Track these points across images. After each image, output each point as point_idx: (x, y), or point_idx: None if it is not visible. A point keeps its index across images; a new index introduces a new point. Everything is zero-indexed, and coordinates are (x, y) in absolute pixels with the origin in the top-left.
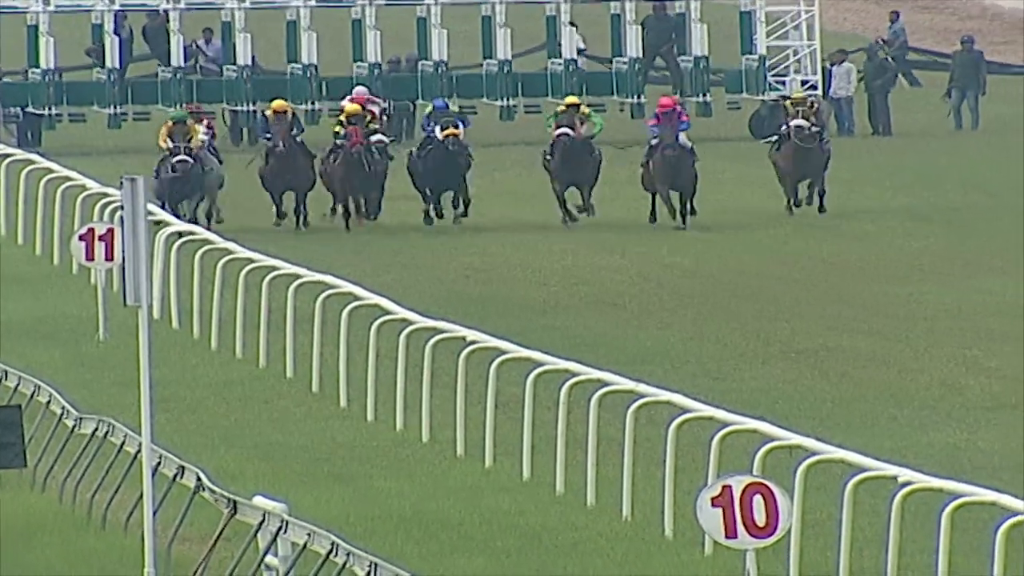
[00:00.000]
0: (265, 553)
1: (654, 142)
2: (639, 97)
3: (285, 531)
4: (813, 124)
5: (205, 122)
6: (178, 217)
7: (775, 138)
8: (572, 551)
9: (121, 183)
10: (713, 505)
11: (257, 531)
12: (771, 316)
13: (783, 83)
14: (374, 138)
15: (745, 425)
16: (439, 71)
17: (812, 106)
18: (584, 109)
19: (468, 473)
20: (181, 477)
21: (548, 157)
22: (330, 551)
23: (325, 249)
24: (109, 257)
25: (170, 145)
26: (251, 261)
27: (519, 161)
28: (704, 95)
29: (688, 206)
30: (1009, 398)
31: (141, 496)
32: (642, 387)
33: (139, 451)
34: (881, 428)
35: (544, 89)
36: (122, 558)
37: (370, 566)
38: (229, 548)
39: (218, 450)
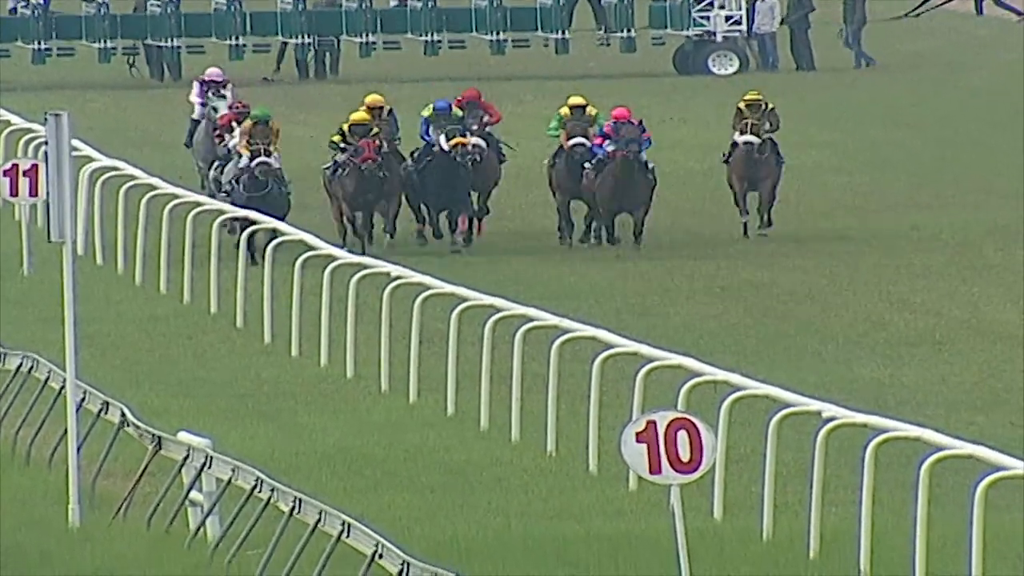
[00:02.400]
0: (190, 489)
1: (609, 148)
2: (564, 33)
3: (209, 467)
4: (766, 131)
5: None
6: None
7: (728, 152)
8: (496, 486)
9: (46, 119)
10: (638, 440)
11: (181, 467)
12: (695, 252)
13: (707, 18)
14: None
15: (669, 361)
16: (363, 6)
17: (766, 109)
18: (591, 110)
19: (392, 409)
20: (105, 413)
21: (552, 168)
22: (254, 487)
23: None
24: (33, 193)
25: (249, 150)
26: (175, 197)
27: (443, 96)
28: (628, 31)
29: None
30: (933, 333)
31: (65, 432)
32: (566, 322)
33: (63, 387)
34: (805, 363)
35: (468, 24)
36: (46, 494)
37: (294, 501)
38: (153, 484)
39: (142, 386)
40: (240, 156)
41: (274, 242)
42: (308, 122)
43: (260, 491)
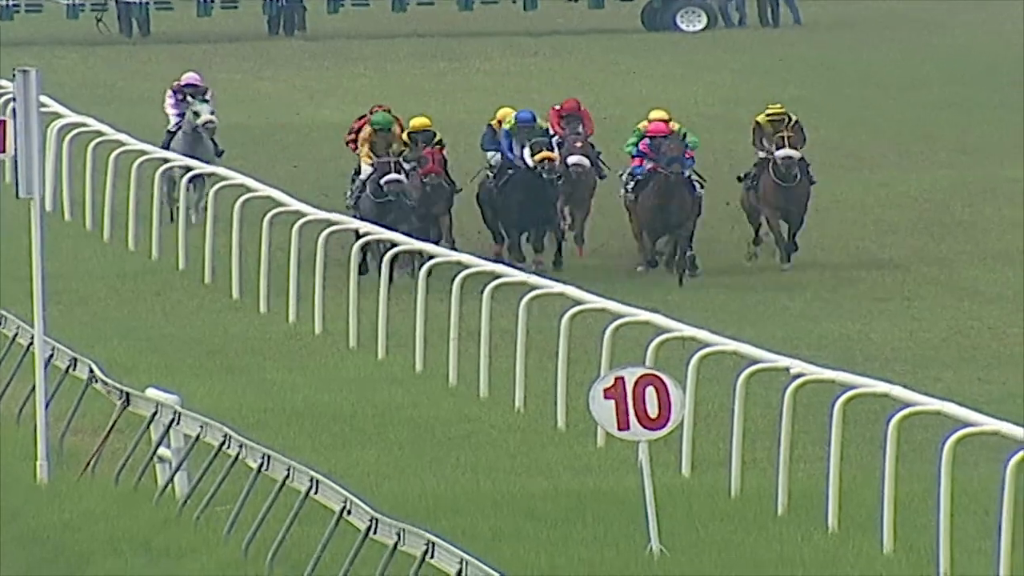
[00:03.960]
0: (158, 445)
1: (637, 174)
2: None
3: (178, 423)
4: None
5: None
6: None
7: (750, 174)
8: (464, 442)
9: (13, 75)
10: (606, 397)
11: (150, 423)
12: None
13: None
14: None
15: (638, 317)
16: None
17: (790, 122)
18: (673, 125)
19: (361, 365)
20: (74, 369)
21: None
22: (223, 443)
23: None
24: (1, 149)
25: (373, 160)
26: (143, 153)
27: (412, 53)
28: None
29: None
30: (900, 289)
31: (33, 388)
32: (535, 279)
33: (31, 343)
34: (773, 320)
35: None
36: (15, 450)
37: (263, 458)
38: (122, 440)
39: (111, 342)
40: (362, 166)
41: (242, 198)
42: (276, 78)
43: (228, 447)
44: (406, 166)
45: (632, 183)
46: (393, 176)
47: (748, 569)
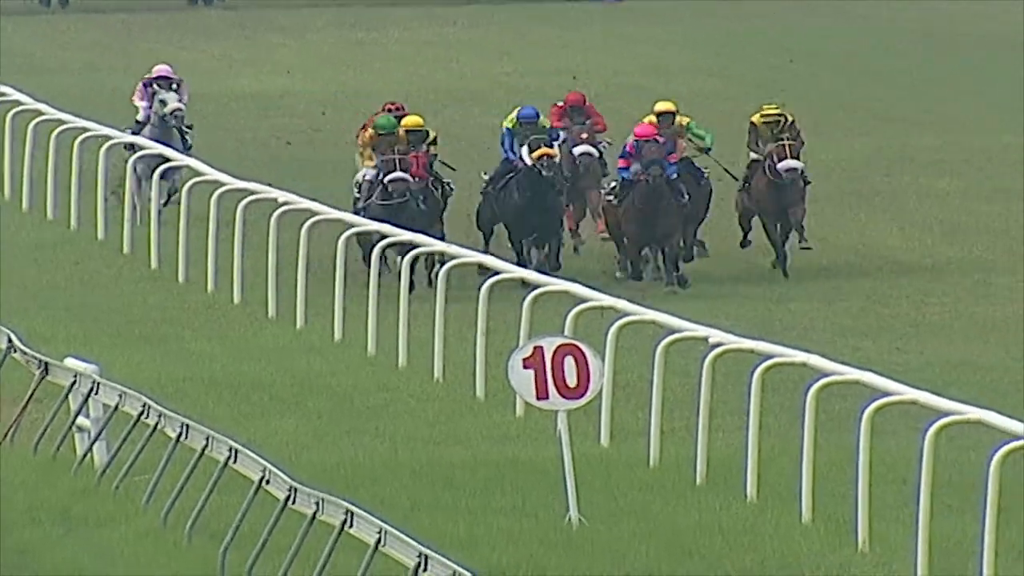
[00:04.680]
0: (77, 414)
1: (623, 177)
2: None
3: (96, 392)
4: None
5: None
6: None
7: (745, 176)
8: (383, 412)
9: None
10: (525, 366)
11: (68, 392)
12: None
13: None
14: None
15: (556, 287)
16: None
17: (786, 123)
18: (682, 119)
19: (279, 335)
20: None
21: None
22: (141, 412)
23: None
24: None
25: (376, 161)
26: (62, 123)
27: (331, 23)
28: None
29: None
30: (820, 260)
31: None
32: (453, 248)
33: None
34: (693, 289)
35: None
36: None
37: (181, 427)
38: (41, 409)
39: (29, 312)
40: (366, 170)
41: (162, 167)
42: (195, 48)
43: (147, 417)
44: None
45: (616, 187)
46: (397, 175)
47: (667, 538)
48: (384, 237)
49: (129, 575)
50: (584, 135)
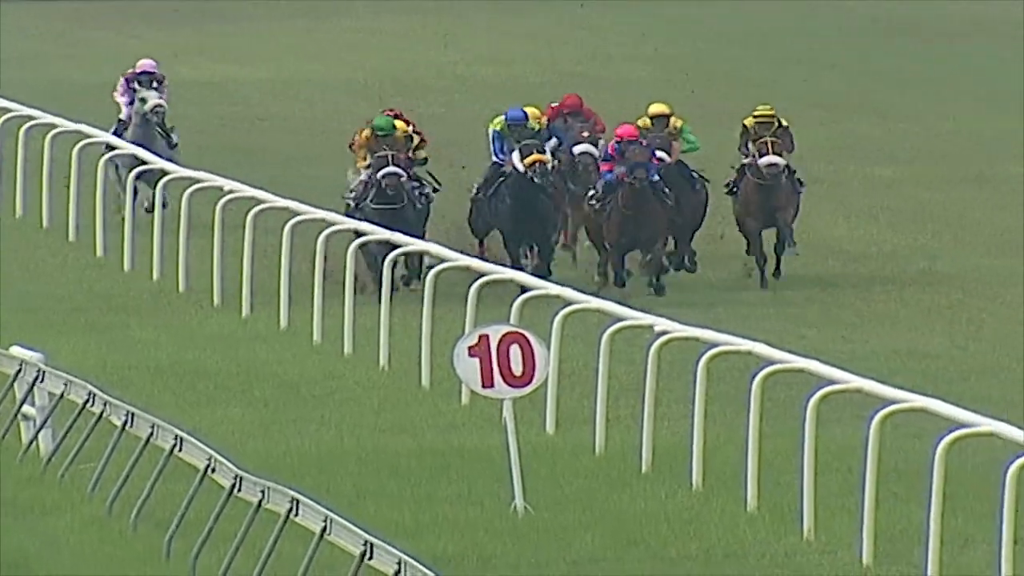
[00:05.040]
0: (22, 403)
1: (606, 180)
2: None
3: (42, 381)
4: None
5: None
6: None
7: (734, 180)
8: (329, 400)
9: None
10: (470, 355)
11: (14, 381)
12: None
13: None
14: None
15: (501, 275)
16: None
17: (779, 126)
18: (676, 122)
19: (225, 323)
20: None
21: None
22: (87, 401)
23: None
24: None
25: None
26: (7, 111)
27: (280, 11)
28: None
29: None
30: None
31: None
32: (398, 236)
33: None
34: (635, 279)
35: None
36: None
37: (127, 415)
38: None
39: None
40: (360, 171)
41: (108, 155)
42: (143, 36)
43: (93, 405)
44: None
45: (598, 191)
46: (390, 169)
47: (612, 526)
48: (362, 235)
49: (74, 563)
50: (585, 133)
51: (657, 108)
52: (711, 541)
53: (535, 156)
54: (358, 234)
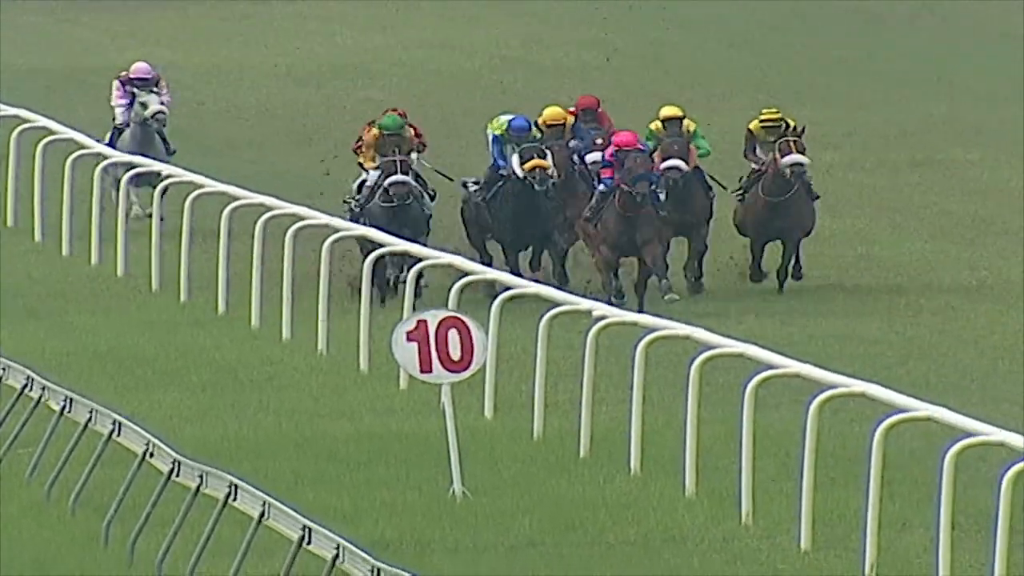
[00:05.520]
0: None
1: (605, 186)
2: None
3: None
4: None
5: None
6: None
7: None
8: (267, 385)
9: None
10: (408, 340)
11: None
12: (463, 150)
13: None
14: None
15: (440, 260)
16: None
17: (789, 128)
18: (689, 124)
19: (163, 308)
20: None
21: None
22: (25, 386)
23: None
24: None
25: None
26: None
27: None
28: None
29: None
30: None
31: None
32: (336, 221)
33: None
34: (576, 263)
35: None
36: None
37: (65, 400)
38: None
39: None
40: (367, 172)
41: (47, 139)
42: (79, 20)
43: (30, 390)
44: (416, 166)
45: (594, 200)
46: (398, 178)
47: (550, 510)
48: (334, 230)
49: (12, 548)
50: (599, 140)
51: (670, 111)
52: (649, 526)
53: (535, 161)
54: (299, 218)
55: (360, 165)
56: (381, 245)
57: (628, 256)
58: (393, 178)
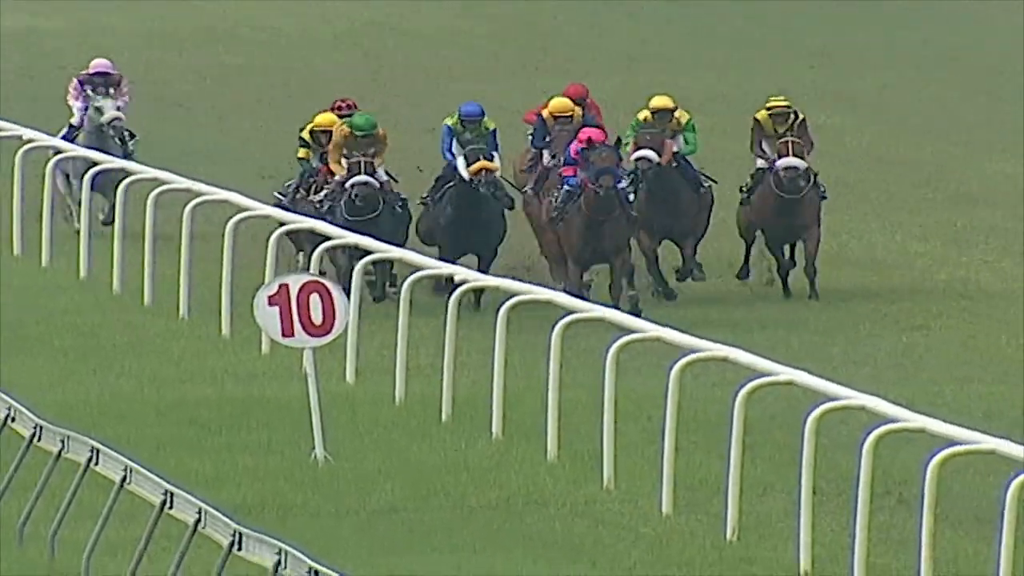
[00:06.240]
0: None
1: (570, 186)
2: None
3: None
4: (803, 158)
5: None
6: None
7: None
8: (129, 350)
9: None
10: (270, 304)
11: None
12: None
13: None
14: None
15: (301, 224)
16: None
17: (796, 120)
18: (681, 116)
19: (24, 272)
20: None
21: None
22: None
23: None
24: None
25: (346, 165)
26: None
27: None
28: None
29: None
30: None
31: None
32: (199, 186)
33: None
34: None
35: None
36: None
37: None
38: None
39: None
40: (333, 174)
41: (56, 159)
42: (34, 10)
43: None
44: (381, 171)
45: (557, 199)
46: (361, 179)
47: (412, 475)
48: (196, 194)
49: None
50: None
51: (661, 101)
52: (511, 490)
53: (481, 163)
54: (160, 182)
55: (301, 160)
56: (326, 237)
57: (595, 265)
58: (356, 179)
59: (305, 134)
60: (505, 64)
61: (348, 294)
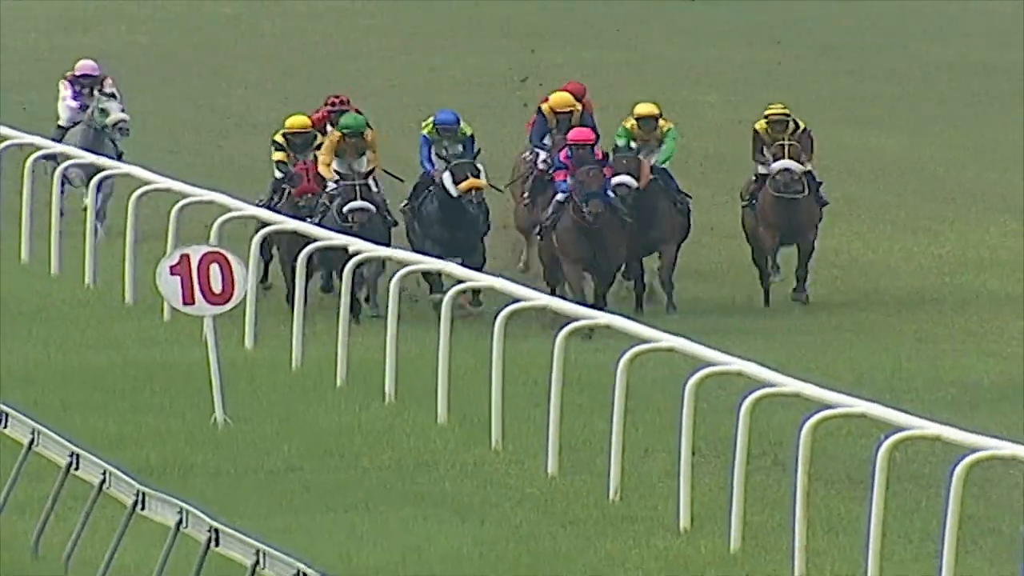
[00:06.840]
0: None
1: (561, 197)
2: None
3: None
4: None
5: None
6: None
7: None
8: (36, 317)
9: None
10: (172, 273)
11: None
12: (226, 91)
13: None
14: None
15: (203, 197)
16: None
17: (796, 129)
18: (664, 124)
19: None
20: None
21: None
22: None
23: None
24: None
25: (337, 171)
26: None
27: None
28: None
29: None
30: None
31: None
32: (103, 160)
33: None
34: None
35: None
36: None
37: None
38: None
39: None
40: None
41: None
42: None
43: None
44: (373, 183)
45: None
46: (358, 204)
47: (308, 437)
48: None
49: None
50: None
51: (645, 108)
52: (403, 452)
53: (471, 182)
54: (68, 156)
55: (278, 164)
56: (311, 238)
57: (589, 273)
58: (353, 204)
59: (278, 137)
60: (388, 38)
61: (293, 282)
